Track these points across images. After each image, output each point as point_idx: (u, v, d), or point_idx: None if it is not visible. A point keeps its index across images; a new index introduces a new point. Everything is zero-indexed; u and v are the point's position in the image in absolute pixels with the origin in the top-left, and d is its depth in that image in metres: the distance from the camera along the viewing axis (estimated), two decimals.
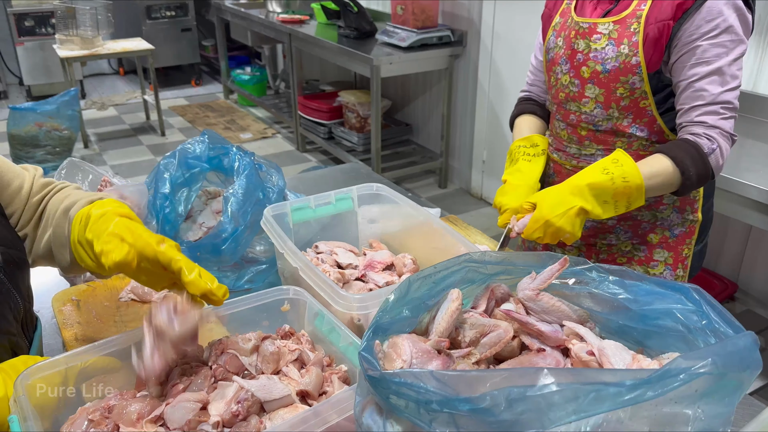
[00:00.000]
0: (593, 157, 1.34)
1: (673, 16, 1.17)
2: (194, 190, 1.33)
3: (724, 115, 1.18)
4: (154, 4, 5.84)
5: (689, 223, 1.36)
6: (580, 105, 1.32)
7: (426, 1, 3.60)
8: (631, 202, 1.16)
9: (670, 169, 1.17)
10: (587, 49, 1.27)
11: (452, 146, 4.06)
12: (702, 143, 1.18)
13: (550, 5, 1.41)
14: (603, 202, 1.15)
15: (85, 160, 4.56)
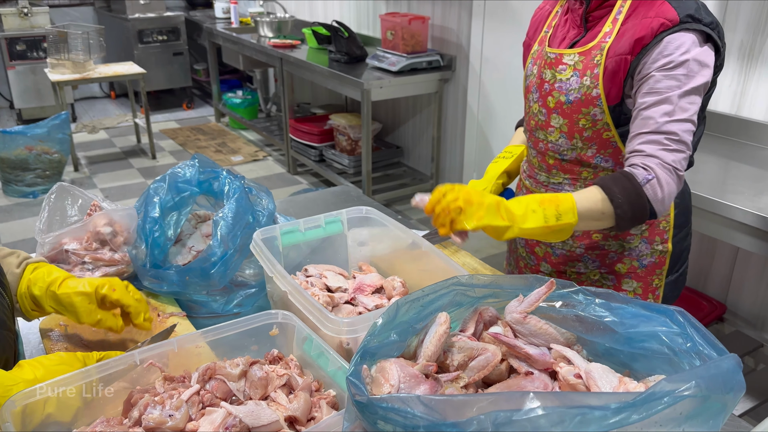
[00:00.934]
0: (561, 186, 1.34)
1: (632, 50, 1.16)
2: (184, 214, 1.33)
3: (667, 146, 1.13)
4: (146, 28, 5.87)
5: (658, 254, 1.35)
6: (546, 134, 1.33)
7: (415, 26, 3.65)
8: (561, 212, 1.08)
9: (600, 196, 1.12)
10: (553, 79, 1.28)
11: (442, 168, 4.08)
12: (636, 173, 1.13)
13: (530, 33, 1.44)
14: (531, 211, 1.07)
15: (75, 184, 4.52)
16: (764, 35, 2.21)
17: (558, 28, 1.33)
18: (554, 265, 1.42)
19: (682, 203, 1.38)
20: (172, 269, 1.24)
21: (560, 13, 1.35)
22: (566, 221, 1.08)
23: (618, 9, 1.21)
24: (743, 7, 2.25)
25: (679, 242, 1.38)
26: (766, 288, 2.34)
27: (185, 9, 6.59)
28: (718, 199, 1.84)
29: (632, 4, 1.19)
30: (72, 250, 1.27)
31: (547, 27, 1.37)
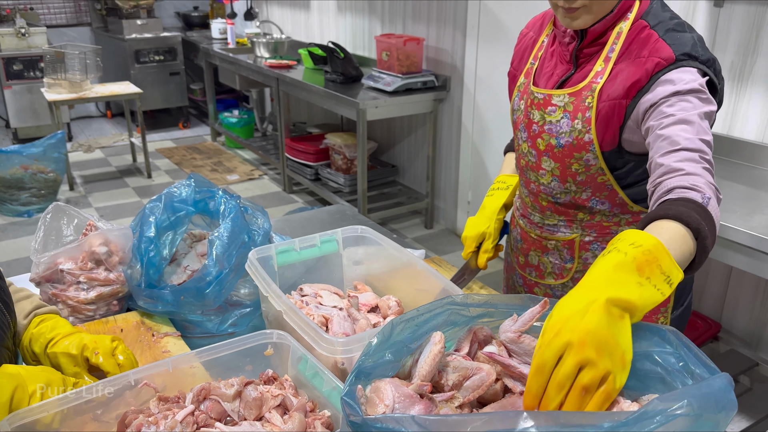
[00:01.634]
0: (556, 228, 1.29)
1: (626, 95, 1.09)
2: (179, 234, 1.34)
3: (703, 164, 0.96)
4: (143, 48, 5.92)
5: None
6: (538, 176, 1.27)
7: (410, 47, 3.69)
8: (665, 272, 0.75)
9: (682, 231, 0.85)
10: (542, 121, 1.21)
11: (438, 187, 4.10)
12: (692, 195, 0.91)
13: (515, 63, 1.37)
14: (637, 284, 0.73)
15: (70, 203, 4.49)
16: (754, 56, 2.25)
17: (545, 61, 1.26)
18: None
19: None
20: (166, 289, 1.24)
21: (546, 44, 1.28)
22: (676, 280, 0.77)
23: (610, 47, 1.14)
24: (733, 29, 2.29)
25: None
26: (760, 307, 2.35)
27: (182, 30, 6.64)
28: None
29: (625, 42, 1.12)
30: (67, 270, 1.27)
31: (533, 58, 1.30)
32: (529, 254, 1.38)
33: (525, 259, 1.40)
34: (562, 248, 1.31)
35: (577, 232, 1.28)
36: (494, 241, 1.36)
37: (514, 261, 1.46)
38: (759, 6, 2.20)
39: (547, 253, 1.34)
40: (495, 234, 1.37)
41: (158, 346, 1.20)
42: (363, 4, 4.48)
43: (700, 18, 2.38)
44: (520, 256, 1.42)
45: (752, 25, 2.23)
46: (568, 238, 1.29)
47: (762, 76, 2.24)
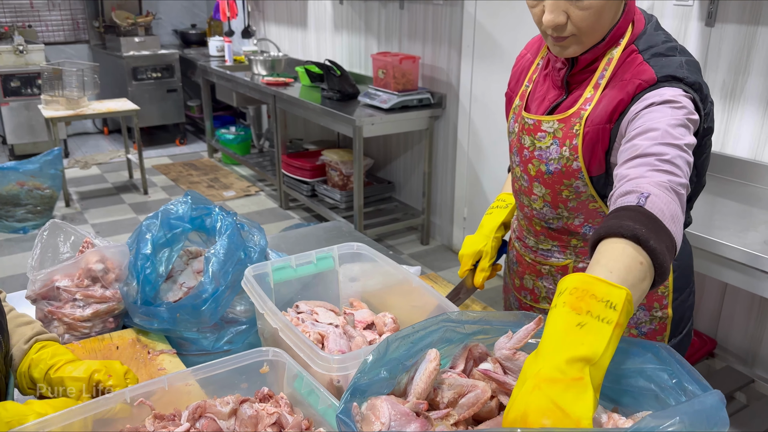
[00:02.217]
0: (550, 253, 1.28)
1: (610, 118, 1.08)
2: (175, 251, 1.34)
3: (657, 166, 0.92)
4: (140, 66, 5.95)
5: (658, 320, 1.26)
6: (530, 200, 1.26)
7: (406, 65, 3.72)
8: (601, 296, 0.73)
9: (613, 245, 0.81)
10: (533, 146, 1.20)
11: (434, 203, 4.12)
12: (628, 200, 0.88)
13: (512, 84, 1.36)
14: (577, 326, 0.71)
15: (67, 219, 4.48)
16: (745, 75, 2.28)
17: (538, 85, 1.25)
18: None
19: (682, 264, 1.28)
20: (162, 306, 1.24)
21: (540, 67, 1.27)
22: (618, 301, 0.73)
23: (600, 73, 1.13)
24: (724, 48, 2.32)
25: (680, 305, 1.27)
26: (755, 323, 2.36)
27: (180, 47, 6.68)
28: (705, 235, 1.87)
29: (615, 68, 1.12)
30: (63, 287, 1.27)
31: (528, 80, 1.30)
32: (524, 277, 1.37)
33: (520, 282, 1.39)
34: (555, 273, 1.29)
35: (571, 258, 1.26)
36: (491, 259, 1.35)
37: (510, 282, 1.45)
38: (749, 26, 2.23)
39: (541, 278, 1.32)
40: (492, 252, 1.36)
41: (154, 363, 1.20)
42: (359, 23, 4.52)
43: (692, 38, 2.41)
44: (516, 278, 1.40)
45: (743, 44, 2.26)
46: (562, 264, 1.28)
47: (754, 94, 2.27)
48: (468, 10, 3.51)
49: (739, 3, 2.25)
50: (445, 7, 3.67)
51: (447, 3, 3.64)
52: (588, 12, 1.04)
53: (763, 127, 2.27)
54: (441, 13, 3.71)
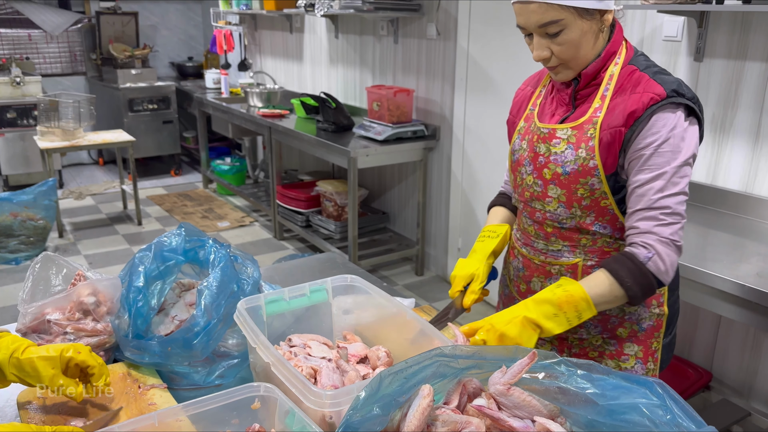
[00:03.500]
0: (560, 253, 1.38)
1: (625, 123, 1.23)
2: (168, 283, 1.33)
3: (663, 221, 1.20)
4: (136, 97, 6.00)
5: (656, 317, 1.38)
6: (544, 204, 1.36)
7: (401, 98, 3.76)
8: (580, 311, 1.17)
9: (607, 281, 1.20)
10: (548, 152, 1.33)
11: (428, 234, 4.12)
12: (637, 252, 1.20)
13: (514, 111, 1.49)
14: (553, 315, 1.16)
15: (59, 250, 4.45)
16: (734, 109, 2.31)
17: (545, 106, 1.39)
18: None
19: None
20: (154, 340, 1.23)
21: (545, 93, 1.41)
22: (586, 317, 1.19)
23: (605, 87, 1.28)
24: (713, 83, 2.36)
25: (672, 305, 1.42)
26: (750, 355, 2.35)
27: (176, 79, 6.75)
28: (698, 268, 1.87)
29: (618, 82, 1.27)
30: (54, 320, 1.26)
31: (532, 105, 1.43)
32: (531, 281, 1.44)
33: (527, 286, 1.46)
34: (565, 272, 1.37)
35: (580, 257, 1.36)
36: (482, 283, 1.42)
37: (514, 291, 1.52)
38: (737, 61, 2.27)
39: (550, 278, 1.40)
40: (483, 277, 1.42)
41: (144, 398, 1.18)
42: (355, 57, 4.59)
43: (681, 72, 2.46)
44: (521, 284, 1.47)
45: (731, 78, 2.30)
46: (572, 263, 1.36)
47: (743, 127, 2.30)
48: (461, 44, 3.56)
49: (727, 38, 2.30)
50: (438, 42, 3.73)
51: (440, 38, 3.70)
52: (565, 46, 1.23)
53: (753, 160, 2.30)
54: (434, 47, 3.77)
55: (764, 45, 2.19)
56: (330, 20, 4.71)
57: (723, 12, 2.27)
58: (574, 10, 1.19)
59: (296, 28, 5.31)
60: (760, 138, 2.26)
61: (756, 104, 2.25)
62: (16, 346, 1.05)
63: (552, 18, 1.19)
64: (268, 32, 5.82)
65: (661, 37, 2.50)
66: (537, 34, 1.24)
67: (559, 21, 1.19)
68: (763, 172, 2.27)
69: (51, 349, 1.05)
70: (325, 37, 4.91)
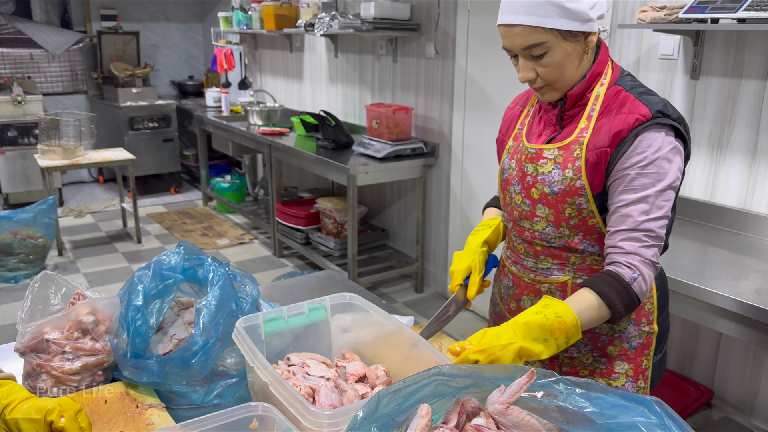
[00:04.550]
0: (549, 271, 1.38)
1: (611, 143, 1.24)
2: (167, 302, 1.33)
3: (645, 242, 1.21)
4: (137, 116, 6.03)
5: (646, 335, 1.38)
6: (532, 223, 1.37)
7: (399, 116, 3.79)
8: (569, 337, 1.16)
9: (596, 303, 1.20)
10: (535, 172, 1.34)
11: (427, 251, 4.12)
12: (623, 273, 1.21)
13: (503, 130, 1.50)
14: (543, 340, 1.14)
15: (59, 268, 4.43)
16: (731, 126, 2.33)
17: (533, 126, 1.40)
18: None
19: (663, 285, 1.43)
20: (152, 359, 1.22)
21: (532, 113, 1.42)
22: (574, 341, 1.18)
23: (591, 107, 1.29)
24: (709, 100, 2.38)
25: (662, 322, 1.42)
26: (751, 372, 2.34)
27: (177, 98, 6.79)
28: (697, 285, 1.87)
29: (603, 103, 1.28)
30: (52, 340, 1.26)
31: (521, 125, 1.44)
32: (521, 299, 1.44)
33: (517, 304, 1.46)
34: (555, 290, 1.38)
35: (570, 275, 1.36)
36: (481, 272, 1.43)
37: (504, 309, 1.52)
38: (732, 79, 2.29)
39: (540, 297, 1.39)
40: (481, 266, 1.44)
41: (142, 418, 1.18)
42: (354, 75, 4.62)
43: (678, 90, 2.48)
44: (512, 302, 1.47)
45: (727, 96, 2.32)
46: (561, 281, 1.37)
47: (740, 144, 2.32)
48: (459, 63, 3.59)
49: (722, 57, 2.32)
50: (437, 61, 3.76)
51: (439, 57, 3.74)
52: (550, 68, 1.24)
53: (751, 177, 2.30)
54: (433, 66, 3.80)
55: (759, 63, 2.21)
56: (330, 40, 4.76)
57: (718, 31, 2.30)
58: (557, 33, 1.20)
59: (296, 47, 5.35)
60: (757, 155, 2.27)
61: (752, 122, 2.26)
62: (9, 401, 1.04)
63: (536, 41, 1.21)
64: (269, 51, 5.87)
65: (658, 56, 2.52)
66: (522, 56, 1.25)
67: (543, 43, 1.21)
68: (761, 189, 2.28)
69: (35, 411, 1.04)
70: (325, 56, 4.95)
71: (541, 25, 1.19)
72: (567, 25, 1.19)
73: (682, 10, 2.16)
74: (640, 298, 1.23)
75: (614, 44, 2.67)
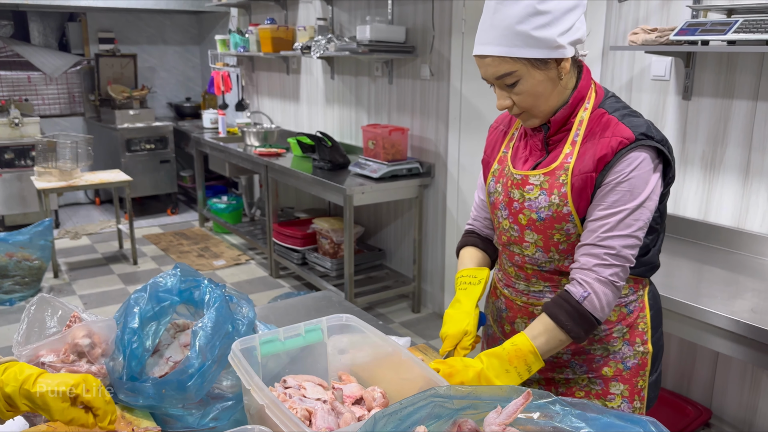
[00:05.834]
0: (542, 294, 1.37)
1: (596, 168, 1.24)
2: (163, 324, 1.33)
3: (605, 261, 1.21)
4: (134, 137, 6.05)
5: (641, 355, 1.38)
6: (522, 248, 1.36)
7: (395, 137, 3.81)
8: (530, 364, 1.19)
9: (551, 326, 1.22)
10: (522, 198, 1.33)
11: (424, 270, 4.12)
12: (574, 291, 1.22)
13: (488, 151, 1.49)
14: (504, 371, 1.18)
15: (54, 290, 4.41)
16: (723, 146, 2.35)
17: (518, 150, 1.39)
18: (542, 372, 1.42)
19: (656, 305, 1.42)
20: (148, 382, 1.22)
21: (517, 137, 1.42)
22: (536, 369, 1.21)
23: (575, 132, 1.29)
24: (702, 121, 2.41)
25: (656, 342, 1.41)
26: (749, 391, 2.34)
27: (174, 119, 6.82)
28: (693, 304, 1.88)
29: (588, 127, 1.28)
30: (48, 363, 1.26)
31: (505, 147, 1.43)
32: (515, 321, 1.44)
33: (511, 327, 1.45)
34: None
35: None
36: (473, 336, 1.38)
37: (498, 331, 1.51)
38: (724, 99, 2.32)
39: (533, 319, 1.36)
40: (474, 331, 1.38)
41: None
42: (350, 97, 4.66)
43: (670, 111, 2.51)
44: (506, 325, 1.47)
45: (719, 117, 2.35)
46: None
47: (733, 164, 2.34)
48: (454, 85, 3.63)
49: (713, 78, 2.35)
50: (432, 82, 3.80)
51: (434, 78, 3.77)
52: (523, 95, 1.25)
53: (744, 196, 2.32)
54: (428, 87, 3.84)
55: (750, 84, 2.24)
56: (326, 62, 4.80)
57: (708, 52, 2.33)
58: (527, 61, 1.21)
59: (293, 69, 5.40)
60: (749, 175, 2.29)
61: (744, 142, 2.29)
62: (26, 377, 1.05)
63: (506, 70, 1.22)
64: (266, 73, 5.92)
65: (650, 77, 2.55)
66: (496, 85, 1.27)
67: (513, 72, 1.22)
68: (754, 208, 2.30)
69: (61, 383, 1.04)
70: (321, 78, 4.99)
71: (509, 55, 1.20)
72: (536, 53, 1.20)
73: (673, 33, 2.19)
74: (596, 317, 1.22)
75: (607, 66, 2.71)
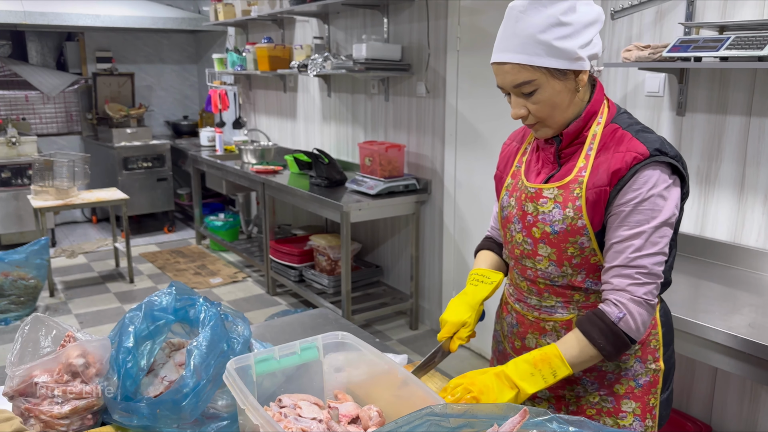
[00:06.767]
0: (554, 309, 1.37)
1: (609, 182, 1.24)
2: (158, 343, 1.32)
3: (637, 280, 1.22)
4: (131, 156, 6.06)
5: (653, 372, 1.37)
6: (535, 262, 1.36)
7: (392, 153, 3.83)
8: (555, 369, 1.19)
9: (582, 342, 1.22)
10: (536, 211, 1.33)
11: (422, 287, 4.11)
12: (609, 311, 1.22)
13: (501, 167, 1.50)
14: (529, 374, 1.19)
15: (50, 309, 4.38)
16: (718, 161, 2.36)
17: (531, 163, 1.40)
18: (552, 389, 1.41)
19: (667, 322, 1.42)
20: (143, 401, 1.21)
21: (530, 150, 1.42)
22: (562, 375, 1.20)
23: (589, 146, 1.29)
24: (696, 136, 2.42)
25: (668, 359, 1.40)
26: (748, 407, 2.32)
27: (171, 137, 6.84)
28: (691, 319, 1.87)
29: (601, 141, 1.28)
30: (42, 383, 1.25)
31: (518, 162, 1.44)
32: (526, 337, 1.43)
33: (522, 342, 1.44)
34: (560, 329, 1.36)
35: (574, 313, 1.35)
36: (471, 331, 1.41)
37: (509, 347, 1.50)
38: (718, 115, 2.34)
39: (545, 335, 1.39)
40: (474, 325, 1.42)
41: None
42: (347, 114, 4.68)
43: (665, 126, 2.52)
44: (516, 340, 1.46)
45: (714, 132, 2.36)
46: (566, 319, 1.36)
47: (728, 179, 2.35)
48: (450, 102, 3.65)
49: (707, 94, 2.37)
50: (428, 100, 3.82)
51: (430, 95, 3.80)
52: (540, 105, 1.26)
53: (740, 211, 2.33)
54: (424, 104, 3.86)
55: (743, 100, 2.26)
56: (323, 80, 4.83)
57: (701, 69, 2.35)
58: (546, 71, 1.22)
59: (290, 87, 5.43)
60: (744, 190, 2.30)
61: (739, 157, 2.30)
62: None
63: (525, 78, 1.22)
64: (263, 91, 5.95)
65: (644, 93, 2.57)
66: (513, 93, 1.27)
67: (532, 81, 1.22)
68: (750, 223, 2.30)
69: None
70: (318, 96, 5.02)
71: (529, 63, 1.21)
72: (556, 64, 1.21)
73: (666, 49, 2.21)
74: (632, 337, 1.22)
75: (601, 82, 2.72)
